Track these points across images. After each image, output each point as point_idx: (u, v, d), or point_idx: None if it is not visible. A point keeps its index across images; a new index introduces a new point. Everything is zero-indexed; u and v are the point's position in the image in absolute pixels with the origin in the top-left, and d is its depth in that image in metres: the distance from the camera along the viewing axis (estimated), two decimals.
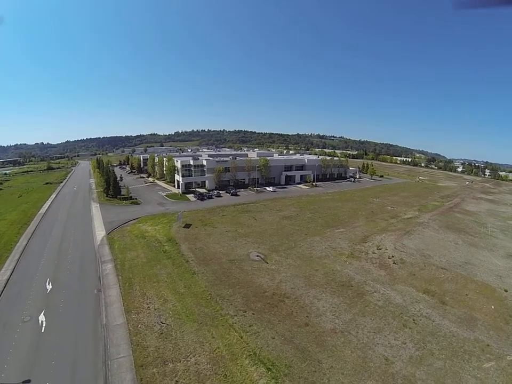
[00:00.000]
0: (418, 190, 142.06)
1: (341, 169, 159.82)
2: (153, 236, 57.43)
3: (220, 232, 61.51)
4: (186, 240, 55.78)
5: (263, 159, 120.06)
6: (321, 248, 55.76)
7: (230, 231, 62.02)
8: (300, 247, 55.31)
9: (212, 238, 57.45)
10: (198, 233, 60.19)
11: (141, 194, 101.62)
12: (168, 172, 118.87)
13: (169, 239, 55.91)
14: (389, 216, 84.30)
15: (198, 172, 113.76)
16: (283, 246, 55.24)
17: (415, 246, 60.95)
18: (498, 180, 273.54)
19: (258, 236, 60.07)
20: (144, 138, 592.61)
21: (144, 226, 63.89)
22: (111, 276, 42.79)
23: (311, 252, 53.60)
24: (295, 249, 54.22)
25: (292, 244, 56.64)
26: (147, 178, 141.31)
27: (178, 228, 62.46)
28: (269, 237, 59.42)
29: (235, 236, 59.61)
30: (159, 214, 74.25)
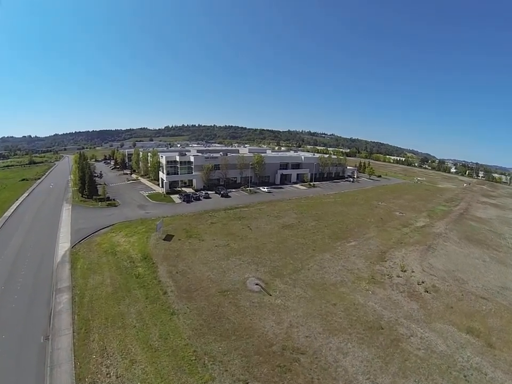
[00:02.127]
0: (420, 193, 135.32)
1: (339, 168, 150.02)
2: (125, 252, 45.84)
3: (208, 246, 50.15)
4: (166, 258, 44.35)
5: (257, 155, 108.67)
6: (334, 270, 45.29)
7: (221, 246, 50.74)
8: (308, 269, 44.60)
9: (198, 256, 46.12)
10: (181, 248, 48.77)
11: (121, 194, 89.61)
12: (152, 169, 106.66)
13: (145, 256, 44.45)
14: (400, 224, 75.25)
15: (185, 169, 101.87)
16: (287, 267, 44.37)
17: (443, 267, 51.37)
18: (492, 182, 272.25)
19: (255, 252, 49.07)
20: (134, 133, 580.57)
21: (117, 237, 52.24)
22: (65, 315, 31.58)
23: (323, 276, 43.02)
24: (303, 272, 43.47)
25: (297, 264, 45.86)
26: (130, 176, 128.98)
27: (157, 241, 50.99)
28: (269, 254, 48.48)
29: (227, 252, 48.39)
30: (137, 219, 62.71)
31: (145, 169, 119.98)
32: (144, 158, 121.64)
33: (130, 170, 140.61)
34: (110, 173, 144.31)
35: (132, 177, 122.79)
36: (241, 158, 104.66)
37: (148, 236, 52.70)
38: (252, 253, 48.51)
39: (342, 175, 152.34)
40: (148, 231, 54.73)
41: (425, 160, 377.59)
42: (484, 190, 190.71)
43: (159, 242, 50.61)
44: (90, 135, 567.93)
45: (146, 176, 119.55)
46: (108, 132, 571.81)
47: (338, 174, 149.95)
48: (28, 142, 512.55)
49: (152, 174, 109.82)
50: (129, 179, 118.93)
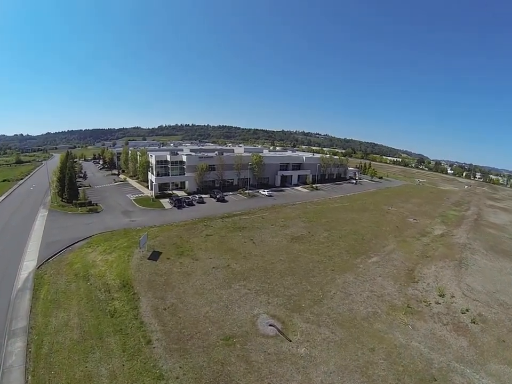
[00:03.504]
0: (425, 195, 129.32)
1: (340, 169, 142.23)
2: (101, 276, 36.44)
3: (203, 268, 40.73)
4: (151, 286, 35.06)
5: (256, 155, 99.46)
6: (362, 297, 36.80)
7: (219, 267, 41.27)
8: (332, 297, 35.93)
9: (192, 282, 36.80)
10: (170, 270, 39.32)
11: (105, 197, 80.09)
12: (141, 169, 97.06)
13: (125, 283, 35.13)
14: (417, 232, 67.78)
15: (177, 170, 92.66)
16: (306, 296, 35.57)
17: (482, 288, 43.50)
18: (490, 183, 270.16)
19: (263, 275, 39.94)
20: (127, 132, 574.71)
21: (93, 254, 42.81)
22: (17, 373, 22.84)
23: (350, 306, 34.45)
24: (326, 302, 34.80)
25: (317, 291, 37.12)
26: (118, 176, 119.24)
27: (141, 260, 41.55)
28: (280, 278, 39.46)
29: (228, 276, 39.06)
30: (120, 230, 53.30)
31: (134, 169, 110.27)
32: (133, 157, 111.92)
33: (118, 170, 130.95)
34: (98, 173, 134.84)
35: (119, 178, 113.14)
36: (238, 158, 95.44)
37: (130, 252, 43.24)
38: (259, 276, 39.39)
39: (344, 176, 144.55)
40: (131, 246, 45.36)
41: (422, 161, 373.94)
42: (486, 192, 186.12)
43: (143, 262, 41.14)
44: (83, 134, 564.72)
45: (135, 177, 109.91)
46: (100, 131, 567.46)
47: (339, 175, 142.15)
48: (20, 140, 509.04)
49: (141, 175, 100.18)
50: (117, 180, 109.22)
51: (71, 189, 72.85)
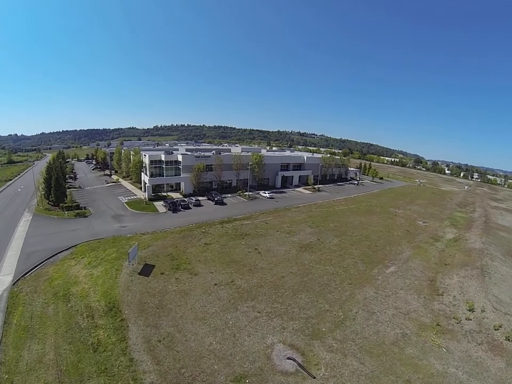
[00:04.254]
0: (429, 197, 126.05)
1: (341, 170, 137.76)
2: (84, 296, 31.14)
3: (203, 286, 35.26)
4: (143, 310, 29.60)
5: (256, 155, 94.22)
6: (387, 315, 32.22)
7: (223, 284, 35.87)
8: (354, 317, 31.12)
9: (191, 304, 31.29)
10: (165, 289, 33.89)
11: (95, 200, 74.73)
12: (134, 169, 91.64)
13: (111, 306, 29.78)
14: (430, 236, 63.80)
15: (172, 171, 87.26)
16: (325, 318, 30.69)
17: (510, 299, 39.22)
18: (488, 183, 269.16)
19: (273, 293, 34.71)
20: (122, 132, 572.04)
21: (77, 267, 37.53)
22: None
23: (376, 328, 29.77)
24: (348, 324, 29.99)
25: (337, 310, 32.31)
26: (110, 177, 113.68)
27: (130, 275, 36.20)
28: (293, 296, 34.51)
29: (233, 295, 33.65)
30: (109, 238, 47.96)
31: (127, 170, 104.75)
32: (126, 157, 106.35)
33: (110, 171, 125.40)
34: (90, 174, 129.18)
35: (111, 179, 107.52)
36: (237, 158, 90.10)
37: (118, 266, 37.88)
38: (269, 294, 34.26)
39: (345, 177, 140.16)
40: (120, 258, 39.97)
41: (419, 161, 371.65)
42: (487, 193, 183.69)
43: (133, 278, 35.67)
44: (77, 134, 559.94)
45: (129, 178, 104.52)
46: (95, 131, 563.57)
47: (340, 176, 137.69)
48: (14, 140, 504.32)
49: (133, 176, 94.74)
50: (109, 181, 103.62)
51: (58, 191, 67.31)
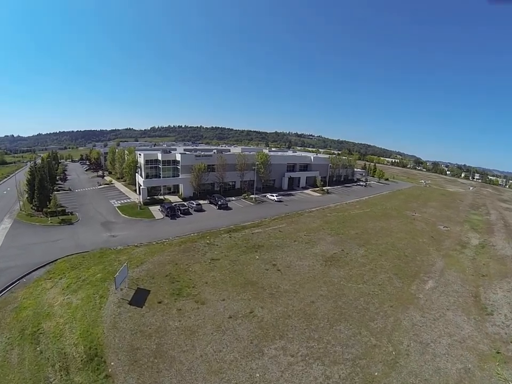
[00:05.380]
0: (439, 198, 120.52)
1: (348, 171, 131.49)
2: (58, 336, 23.61)
3: (215, 320, 27.11)
4: (135, 359, 21.69)
5: (262, 154, 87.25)
6: (441, 346, 25.88)
7: (239, 316, 27.82)
8: (407, 353, 24.40)
9: (201, 350, 23.14)
10: (164, 326, 25.72)
11: (84, 204, 67.44)
12: (128, 170, 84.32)
13: (93, 353, 21.81)
14: (455, 243, 57.63)
15: (169, 171, 79.99)
16: (375, 357, 23.68)
17: None
18: (490, 184, 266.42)
19: (306, 326, 27.25)
20: (119, 133, 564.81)
21: (53, 291, 30.02)
22: None
23: (435, 364, 23.18)
24: (403, 363, 23.08)
25: (385, 344, 25.47)
26: (103, 178, 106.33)
27: (118, 306, 28.21)
28: (331, 329, 27.02)
29: (255, 333, 25.64)
30: (95, 251, 40.56)
31: (121, 170, 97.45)
32: (120, 156, 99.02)
33: (103, 172, 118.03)
34: (83, 175, 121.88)
35: (104, 181, 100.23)
36: (242, 157, 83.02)
37: (103, 291, 30.40)
38: (301, 328, 26.79)
39: (351, 178, 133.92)
40: (106, 279, 32.58)
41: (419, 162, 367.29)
42: (493, 194, 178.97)
43: (123, 309, 27.82)
44: (74, 135, 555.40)
45: (123, 179, 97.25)
46: (92, 132, 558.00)
47: (347, 177, 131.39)
48: (10, 141, 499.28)
49: (127, 177, 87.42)
50: (101, 183, 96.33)
51: (42, 194, 60.23)
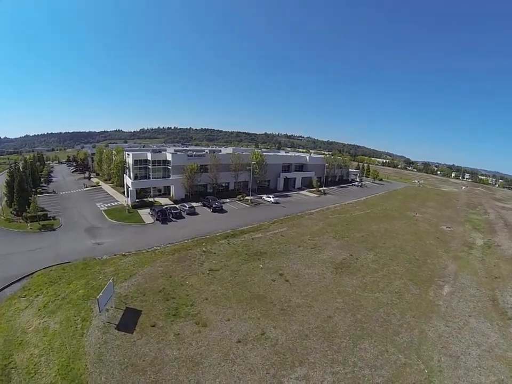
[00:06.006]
0: (435, 198, 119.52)
1: (343, 171, 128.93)
2: (31, 372, 18.81)
3: (221, 346, 22.64)
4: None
5: (257, 154, 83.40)
6: (472, 358, 23.61)
7: (250, 339, 23.43)
8: (439, 369, 21.71)
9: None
10: (161, 357, 21.02)
11: (69, 208, 62.52)
12: (116, 171, 79.54)
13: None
14: (462, 244, 56.00)
15: (159, 172, 75.48)
16: (407, 378, 20.38)
17: None
18: (480, 183, 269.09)
19: (326, 346, 23.52)
20: (108, 135, 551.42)
21: (27, 312, 25.50)
22: None
23: (469, 379, 20.12)
24: (437, 382, 20.06)
25: (415, 360, 22.41)
26: (89, 180, 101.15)
27: (104, 332, 23.36)
28: (354, 348, 23.58)
29: (270, 360, 21.35)
30: (78, 262, 35.59)
31: (108, 171, 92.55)
32: (108, 157, 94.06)
33: (89, 173, 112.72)
34: (69, 177, 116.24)
35: (91, 183, 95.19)
36: (236, 157, 79.23)
37: (86, 313, 25.54)
38: (322, 350, 22.93)
39: (346, 178, 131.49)
40: (89, 296, 27.89)
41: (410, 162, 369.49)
42: (486, 193, 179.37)
43: (109, 336, 22.93)
44: (62, 137, 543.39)
45: (110, 181, 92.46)
46: (81, 133, 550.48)
47: (342, 177, 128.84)
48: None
49: (115, 178, 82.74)
50: (88, 185, 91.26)
51: (21, 197, 55.49)
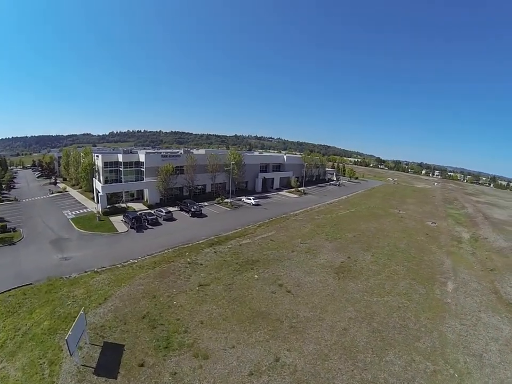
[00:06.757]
0: (413, 195, 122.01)
1: (320, 170, 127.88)
2: None
3: (229, 381, 18.01)
4: None
5: (235, 153, 79.47)
6: (493, 354, 23.05)
7: (263, 370, 18.89)
8: (467, 371, 20.51)
9: None
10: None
11: (32, 217, 55.21)
12: (84, 174, 72.60)
13: None
14: (450, 239, 56.65)
15: (132, 175, 69.76)
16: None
17: None
18: (450, 179, 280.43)
19: (350, 364, 20.15)
20: (76, 138, 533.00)
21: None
22: None
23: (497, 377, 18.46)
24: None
25: (443, 365, 20.57)
26: (56, 186, 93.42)
27: (79, 381, 17.11)
28: (380, 362, 20.54)
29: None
30: (42, 282, 29.08)
31: (75, 175, 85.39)
32: (75, 160, 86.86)
33: (55, 178, 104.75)
34: (33, 183, 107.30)
35: (57, 188, 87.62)
36: (213, 157, 74.86)
37: (54, 352, 19.57)
38: (348, 370, 19.59)
39: (323, 177, 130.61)
40: (57, 329, 21.80)
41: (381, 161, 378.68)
42: (458, 188, 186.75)
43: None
44: (28, 141, 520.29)
45: (78, 186, 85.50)
46: (47, 137, 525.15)
47: (319, 176, 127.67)
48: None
49: (83, 183, 76.08)
50: (54, 191, 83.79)
51: None
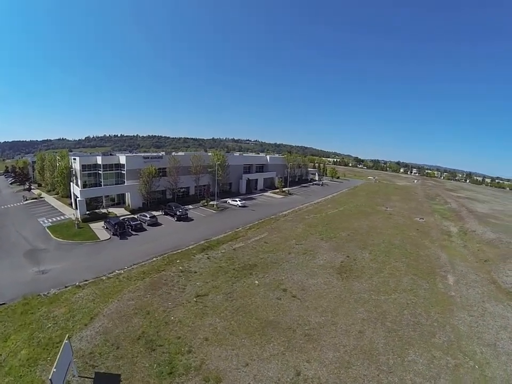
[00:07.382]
0: (396, 192, 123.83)
1: (302, 171, 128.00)
2: None
3: None
4: None
5: (218, 154, 77.27)
6: (505, 342, 22.71)
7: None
8: (486, 361, 20.18)
9: None
10: None
11: (4, 226, 49.61)
12: (60, 179, 67.65)
13: None
14: (440, 233, 57.03)
15: (112, 178, 65.51)
16: (465, 379, 17.80)
17: None
18: (428, 177, 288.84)
19: (376, 369, 18.72)
20: (51, 144, 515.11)
21: None
22: None
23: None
24: (491, 374, 17.91)
25: (462, 358, 20.25)
26: (30, 192, 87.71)
27: None
28: (403, 362, 19.42)
29: None
30: (16, 303, 24.38)
31: (51, 180, 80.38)
32: (51, 164, 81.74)
33: (30, 184, 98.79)
34: (6, 190, 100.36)
35: (32, 195, 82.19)
36: (197, 158, 72.15)
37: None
38: (373, 376, 18.19)
39: (306, 178, 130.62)
40: (37, 359, 18.16)
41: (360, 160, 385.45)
42: (437, 185, 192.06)
43: None
44: (1, 146, 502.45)
45: (54, 191, 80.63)
46: (21, 143, 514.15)
47: (301, 177, 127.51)
48: None
49: (60, 188, 71.39)
50: (28, 197, 78.39)
51: None
